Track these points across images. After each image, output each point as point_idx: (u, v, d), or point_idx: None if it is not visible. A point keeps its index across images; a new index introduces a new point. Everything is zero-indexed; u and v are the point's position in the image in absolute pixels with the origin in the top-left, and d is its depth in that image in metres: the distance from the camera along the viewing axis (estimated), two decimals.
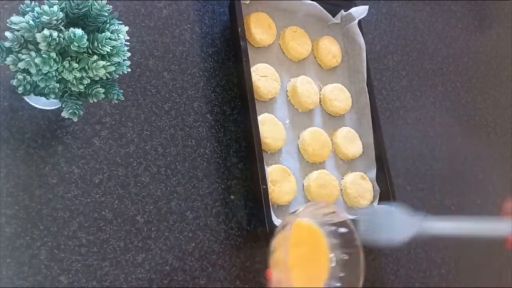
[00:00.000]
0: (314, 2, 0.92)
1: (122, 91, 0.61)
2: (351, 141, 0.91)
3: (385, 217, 0.62)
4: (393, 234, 0.61)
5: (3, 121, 0.64)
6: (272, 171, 0.79)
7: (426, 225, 0.61)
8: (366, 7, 0.95)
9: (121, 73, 0.60)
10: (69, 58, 0.55)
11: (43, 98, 0.60)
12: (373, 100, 0.94)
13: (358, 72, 0.95)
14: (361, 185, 0.88)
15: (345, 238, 0.63)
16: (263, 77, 0.83)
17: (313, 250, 0.64)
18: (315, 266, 0.63)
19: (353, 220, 0.63)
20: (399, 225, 0.61)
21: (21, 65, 0.54)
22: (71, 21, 0.56)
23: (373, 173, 0.91)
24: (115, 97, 0.61)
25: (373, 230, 0.60)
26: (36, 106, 0.66)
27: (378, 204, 0.90)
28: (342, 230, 0.63)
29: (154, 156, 0.74)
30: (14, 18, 0.53)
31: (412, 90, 1.12)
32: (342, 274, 0.62)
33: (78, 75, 0.56)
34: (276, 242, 0.59)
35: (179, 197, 0.74)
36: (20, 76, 0.56)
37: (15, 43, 0.55)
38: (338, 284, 0.62)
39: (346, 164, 0.91)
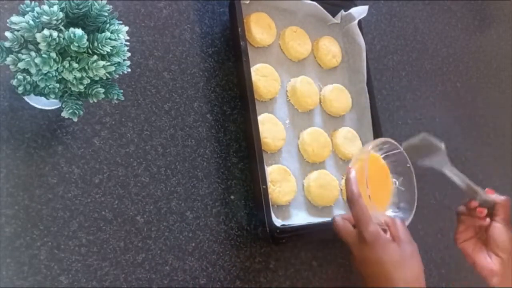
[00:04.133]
0: (314, 2, 0.92)
1: (122, 91, 0.61)
2: (351, 141, 0.91)
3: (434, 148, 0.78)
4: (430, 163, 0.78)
5: (3, 121, 0.64)
6: (272, 171, 0.79)
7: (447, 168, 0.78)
8: (366, 7, 0.95)
9: (121, 73, 0.60)
10: (69, 58, 0.55)
11: (43, 98, 0.60)
12: (373, 100, 0.94)
13: (358, 72, 0.95)
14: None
15: (403, 171, 0.76)
16: (263, 77, 0.83)
17: (381, 175, 0.75)
18: (384, 188, 0.75)
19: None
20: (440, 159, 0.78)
21: (21, 65, 0.54)
22: (71, 21, 0.56)
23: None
24: (115, 97, 0.61)
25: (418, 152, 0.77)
26: (36, 106, 0.66)
27: None
28: (398, 157, 0.75)
29: (154, 156, 0.74)
30: (14, 18, 0.53)
31: (412, 90, 1.12)
32: (400, 204, 0.75)
33: (78, 75, 0.56)
34: (355, 163, 0.70)
35: (179, 197, 0.74)
36: (20, 76, 0.56)
37: (15, 43, 0.55)
38: (397, 210, 0.74)
39: (346, 164, 0.91)
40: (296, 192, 0.81)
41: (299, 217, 0.81)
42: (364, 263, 0.65)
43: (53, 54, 0.54)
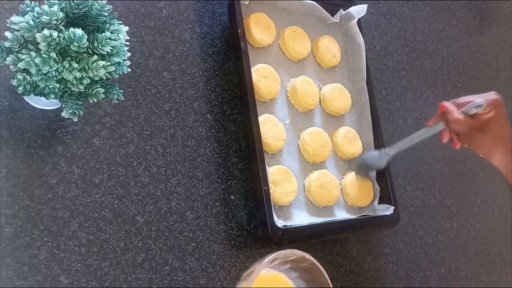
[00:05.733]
0: (313, 2, 0.92)
1: (122, 91, 0.61)
2: (351, 140, 0.91)
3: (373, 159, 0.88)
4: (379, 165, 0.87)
5: (3, 121, 0.64)
6: (273, 172, 0.79)
7: (390, 152, 0.85)
8: (365, 5, 0.95)
9: (121, 73, 0.60)
10: (69, 58, 0.55)
11: (43, 98, 0.60)
12: (372, 100, 0.94)
13: (358, 71, 0.95)
14: (361, 184, 0.88)
15: (313, 275, 0.72)
16: (263, 77, 0.83)
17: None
18: None
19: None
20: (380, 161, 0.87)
21: (21, 65, 0.54)
22: (71, 21, 0.56)
23: (373, 172, 0.91)
24: (115, 97, 0.61)
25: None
26: (36, 106, 0.66)
27: (379, 204, 0.90)
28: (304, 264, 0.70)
29: (154, 156, 0.74)
30: (14, 18, 0.53)
31: (412, 90, 1.12)
32: None
33: (78, 75, 0.56)
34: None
35: (179, 197, 0.74)
36: (20, 76, 0.56)
37: (15, 43, 0.55)
38: None
39: (346, 164, 0.91)
40: (297, 192, 0.81)
41: (301, 218, 0.81)
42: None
43: (53, 54, 0.54)
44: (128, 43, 0.59)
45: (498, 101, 0.75)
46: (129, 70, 0.61)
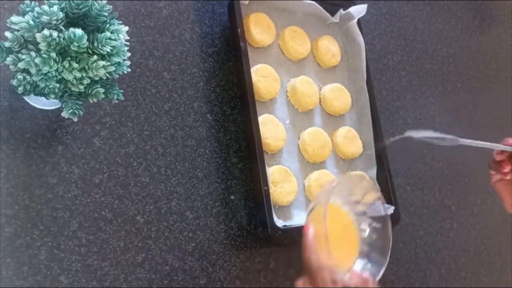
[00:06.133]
0: (313, 2, 0.92)
1: (122, 91, 0.61)
2: (351, 140, 0.91)
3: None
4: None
5: (3, 121, 0.64)
6: (273, 172, 0.79)
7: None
8: (365, 5, 0.95)
9: (121, 73, 0.60)
10: (69, 58, 0.55)
11: (43, 98, 0.60)
12: (373, 100, 0.94)
13: (358, 71, 0.95)
14: None
15: (378, 218, 0.67)
16: (263, 78, 0.83)
17: (341, 225, 0.67)
18: (345, 241, 0.67)
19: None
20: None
21: (21, 65, 0.54)
22: (71, 21, 0.56)
23: (373, 172, 0.91)
24: (115, 97, 0.61)
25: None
26: (36, 106, 0.66)
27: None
28: (375, 211, 0.67)
29: (154, 156, 0.74)
30: (14, 18, 0.53)
31: (412, 90, 1.12)
32: (371, 253, 0.66)
33: (78, 75, 0.56)
34: (312, 216, 0.61)
35: (179, 197, 0.74)
36: (20, 76, 0.56)
37: (15, 43, 0.55)
38: (366, 260, 0.66)
39: (346, 164, 0.91)
40: (297, 192, 0.81)
41: (301, 218, 0.81)
42: None
43: (53, 54, 0.54)
44: (128, 43, 0.59)
45: None
46: (129, 70, 0.61)
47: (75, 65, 0.55)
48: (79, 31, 0.53)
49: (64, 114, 0.58)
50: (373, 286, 0.60)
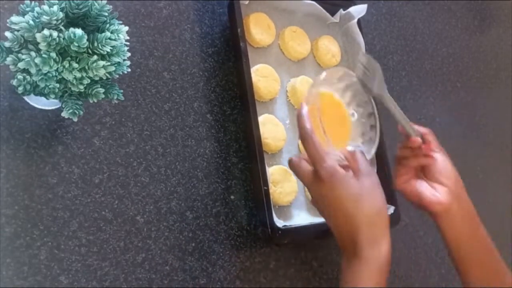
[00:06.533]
0: (313, 2, 0.92)
1: (122, 91, 0.61)
2: None
3: (374, 69, 0.70)
4: (373, 85, 0.69)
5: (3, 121, 0.64)
6: (273, 172, 0.79)
7: (386, 95, 0.70)
8: (365, 5, 0.95)
9: (121, 73, 0.60)
10: (69, 58, 0.55)
11: (43, 98, 0.60)
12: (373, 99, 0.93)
13: None
14: None
15: (359, 92, 0.69)
16: (263, 78, 0.83)
17: (336, 110, 0.69)
18: (341, 123, 0.69)
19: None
20: (378, 80, 0.70)
21: (21, 65, 0.54)
22: (71, 21, 0.56)
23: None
24: (115, 97, 0.61)
25: (367, 76, 0.69)
26: (36, 106, 0.66)
27: None
28: (355, 86, 0.69)
29: (154, 156, 0.74)
30: (14, 18, 0.53)
31: (412, 90, 1.12)
32: (363, 122, 0.69)
33: (78, 75, 0.56)
34: (308, 98, 0.64)
35: (179, 197, 0.74)
36: (20, 76, 0.56)
37: (15, 43, 0.55)
38: (361, 141, 0.69)
39: None
40: (297, 192, 0.81)
41: (301, 218, 0.81)
42: (322, 201, 0.61)
43: (53, 54, 0.54)
44: (128, 43, 0.59)
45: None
46: (129, 70, 0.61)
47: (75, 65, 0.55)
48: (79, 31, 0.53)
49: (64, 114, 0.58)
50: (360, 154, 0.62)
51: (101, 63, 0.56)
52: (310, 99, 0.64)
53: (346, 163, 0.62)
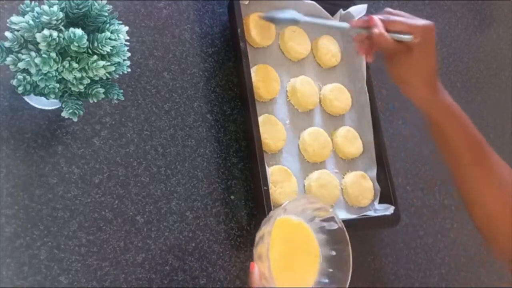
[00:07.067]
0: (313, 2, 0.92)
1: (122, 91, 0.61)
2: (351, 140, 0.91)
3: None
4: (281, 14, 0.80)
5: (3, 121, 0.64)
6: (273, 172, 0.79)
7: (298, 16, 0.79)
8: (365, 5, 0.95)
9: (121, 73, 0.60)
10: (69, 58, 0.55)
11: (43, 98, 0.60)
12: (373, 99, 0.94)
13: (358, 71, 0.95)
14: (362, 184, 0.88)
15: (334, 234, 0.66)
16: (263, 78, 0.83)
17: (299, 246, 0.66)
18: (301, 262, 0.65)
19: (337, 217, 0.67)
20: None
21: (21, 65, 0.54)
22: (71, 21, 0.56)
23: (373, 172, 0.91)
24: (115, 97, 0.61)
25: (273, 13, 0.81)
26: (36, 106, 0.66)
27: (379, 203, 0.90)
28: (331, 226, 0.66)
29: (154, 156, 0.74)
30: (14, 18, 0.53)
31: None
32: (330, 270, 0.65)
33: (78, 75, 0.56)
34: (259, 235, 0.61)
35: (179, 197, 0.74)
36: (20, 76, 0.56)
37: (15, 43, 0.55)
38: (327, 281, 0.65)
39: (346, 164, 0.91)
40: (297, 192, 0.81)
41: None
42: None
43: (53, 54, 0.54)
44: (128, 43, 0.59)
45: (429, 29, 0.69)
46: (129, 70, 0.61)
47: (75, 65, 0.55)
48: (79, 31, 0.53)
49: (64, 114, 0.58)
50: None
51: (101, 63, 0.56)
52: (263, 237, 0.60)
53: None
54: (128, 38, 0.58)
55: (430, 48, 0.69)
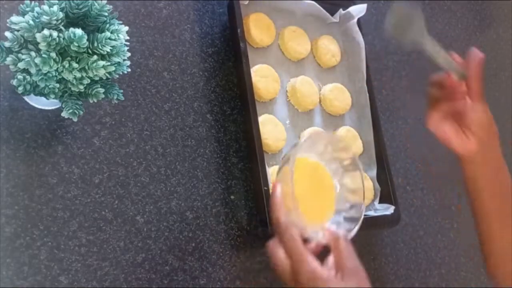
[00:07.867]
0: (313, 2, 0.92)
1: (122, 91, 0.61)
2: (351, 140, 0.91)
3: (410, 16, 0.63)
4: (408, 34, 0.63)
5: (3, 121, 0.64)
6: (273, 172, 0.79)
7: (426, 40, 0.65)
8: (365, 5, 0.95)
9: (121, 73, 0.60)
10: (69, 58, 0.55)
11: (43, 98, 0.60)
12: (373, 100, 0.94)
13: (358, 71, 0.95)
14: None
15: (348, 163, 0.64)
16: (263, 78, 0.83)
17: (315, 182, 0.64)
18: (319, 197, 0.64)
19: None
20: (417, 26, 0.63)
21: (21, 65, 0.54)
22: (71, 21, 0.56)
23: (373, 172, 0.91)
24: (115, 97, 0.61)
25: (400, 28, 0.62)
26: (36, 106, 0.66)
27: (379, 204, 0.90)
28: (344, 156, 0.64)
29: (154, 156, 0.74)
30: (14, 18, 0.53)
31: (412, 90, 1.12)
32: (349, 198, 0.64)
33: (78, 75, 0.56)
34: (280, 175, 0.59)
35: (179, 197, 0.74)
36: (20, 76, 0.56)
37: (15, 43, 0.55)
38: (347, 204, 0.63)
39: None
40: None
41: None
42: None
43: (53, 54, 0.54)
44: (128, 43, 0.59)
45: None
46: (129, 70, 0.61)
47: (75, 65, 0.55)
48: (79, 31, 0.53)
49: (64, 114, 0.58)
50: (345, 243, 0.57)
51: (101, 63, 0.56)
52: (283, 173, 0.58)
53: (323, 242, 0.57)
54: (128, 38, 0.58)
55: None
